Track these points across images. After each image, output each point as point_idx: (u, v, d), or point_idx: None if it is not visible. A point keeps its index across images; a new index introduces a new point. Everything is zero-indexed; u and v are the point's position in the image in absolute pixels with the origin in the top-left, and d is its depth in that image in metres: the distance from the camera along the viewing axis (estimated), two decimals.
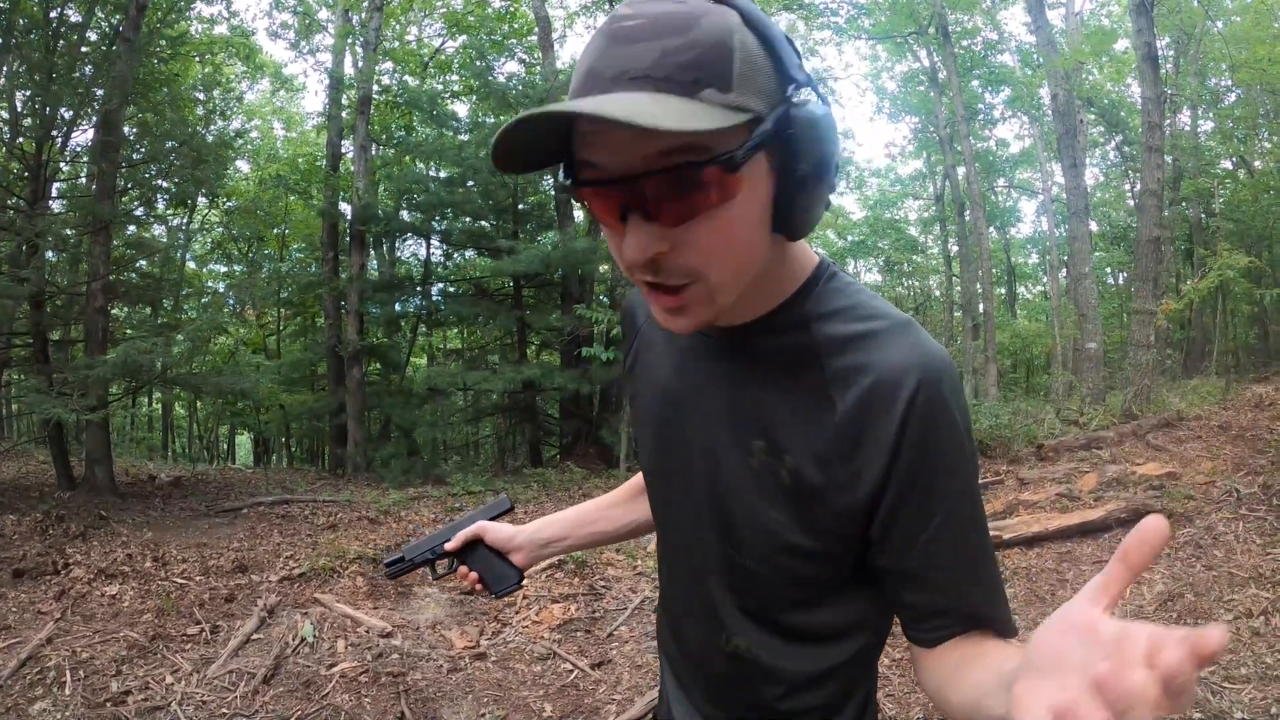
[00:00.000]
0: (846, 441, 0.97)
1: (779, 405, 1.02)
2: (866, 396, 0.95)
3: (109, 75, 9.83)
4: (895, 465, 0.95)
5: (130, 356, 9.11)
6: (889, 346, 0.96)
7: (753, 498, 1.06)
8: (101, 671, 4.50)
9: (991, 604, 1.03)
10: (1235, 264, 12.74)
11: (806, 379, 1.00)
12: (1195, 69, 19.52)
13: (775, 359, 1.03)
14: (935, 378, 0.94)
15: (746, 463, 1.05)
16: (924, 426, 0.94)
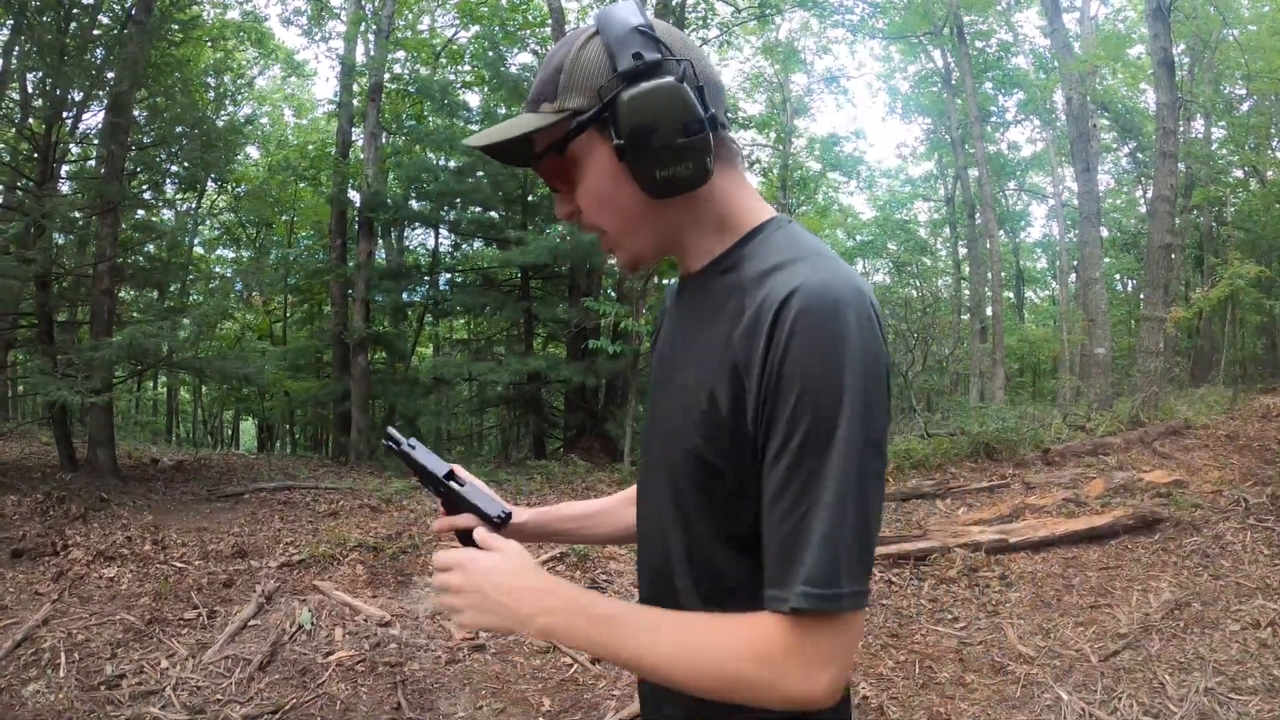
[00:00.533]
0: (741, 359, 1.03)
1: (708, 337, 1.12)
2: (756, 314, 1.02)
3: (120, 58, 9.80)
4: (764, 378, 1.00)
5: (136, 340, 9.08)
6: (793, 270, 1.04)
7: (682, 429, 1.13)
8: (96, 654, 4.48)
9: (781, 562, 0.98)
10: (1246, 273, 12.68)
11: (731, 309, 1.09)
12: (1210, 76, 19.42)
13: (714, 296, 1.14)
14: (813, 291, 0.98)
15: (680, 396, 1.15)
16: (786, 340, 0.98)
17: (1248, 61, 16.55)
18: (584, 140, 1.10)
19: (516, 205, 14.87)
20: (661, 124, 1.04)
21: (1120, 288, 27.40)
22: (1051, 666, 4.52)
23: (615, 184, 1.11)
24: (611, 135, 1.06)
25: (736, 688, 0.99)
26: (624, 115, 1.04)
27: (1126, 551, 6.32)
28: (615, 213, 1.14)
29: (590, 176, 1.12)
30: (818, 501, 0.95)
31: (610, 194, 1.12)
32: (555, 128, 1.10)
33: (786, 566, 0.97)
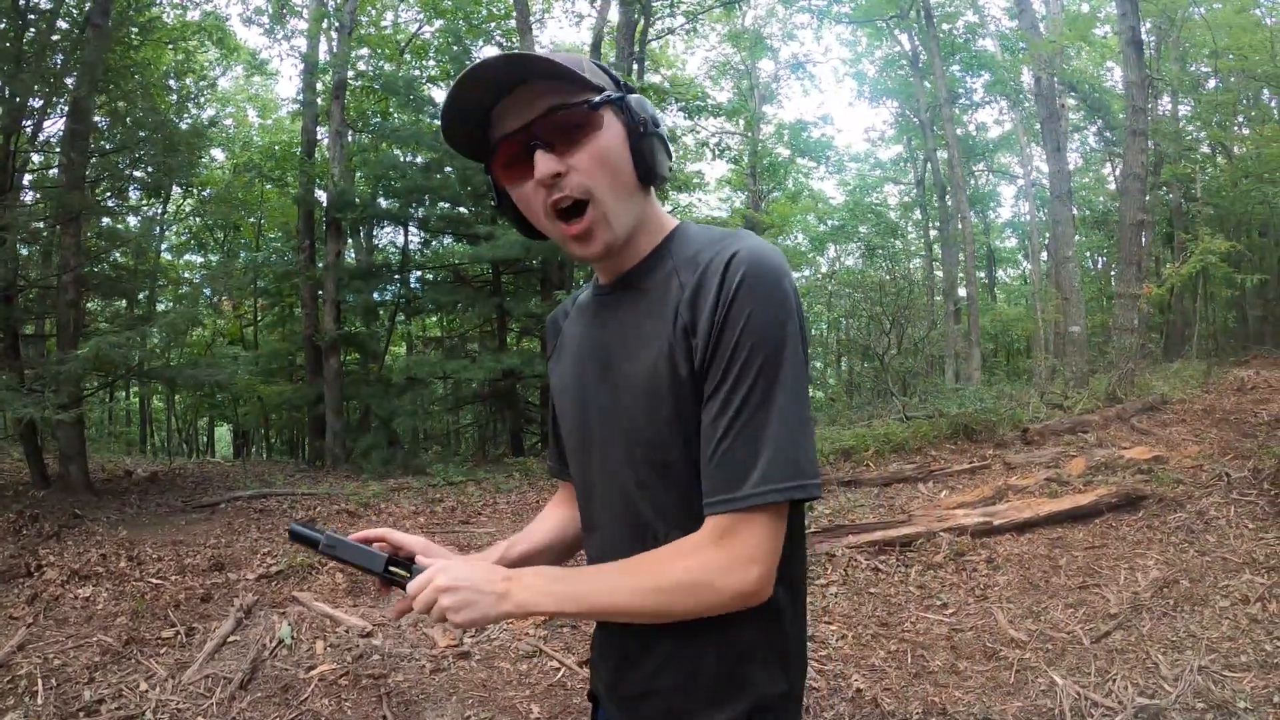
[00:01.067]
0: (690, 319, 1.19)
1: (651, 316, 1.26)
2: (700, 275, 1.19)
3: (78, 62, 9.60)
4: (711, 324, 1.16)
5: (102, 351, 8.91)
6: (721, 242, 1.22)
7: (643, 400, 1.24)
8: (74, 679, 4.36)
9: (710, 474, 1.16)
10: (1216, 249, 12.76)
11: (668, 289, 1.25)
12: (1177, 54, 19.55)
13: (649, 287, 1.29)
14: (750, 252, 1.16)
15: (637, 369, 1.25)
16: (732, 283, 1.15)
17: (1215, 38, 16.65)
18: (606, 110, 1.23)
19: (485, 200, 14.72)
20: (653, 125, 1.26)
21: (1091, 265, 27.58)
22: (1044, 650, 4.49)
23: (623, 154, 1.24)
24: (634, 115, 1.24)
25: (682, 599, 1.16)
26: (636, 108, 1.25)
27: (1111, 530, 6.32)
28: (619, 180, 1.24)
29: (608, 139, 1.22)
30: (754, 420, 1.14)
31: (619, 162, 1.23)
32: (586, 89, 1.22)
33: (727, 475, 1.14)
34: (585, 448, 1.40)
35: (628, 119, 1.25)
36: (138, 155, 11.12)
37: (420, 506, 9.26)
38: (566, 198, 1.22)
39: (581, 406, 1.39)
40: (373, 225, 18.80)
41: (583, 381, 1.39)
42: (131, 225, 14.55)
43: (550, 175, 1.20)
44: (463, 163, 13.89)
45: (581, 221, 1.23)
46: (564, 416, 1.47)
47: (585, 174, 1.21)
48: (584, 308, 1.47)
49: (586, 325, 1.42)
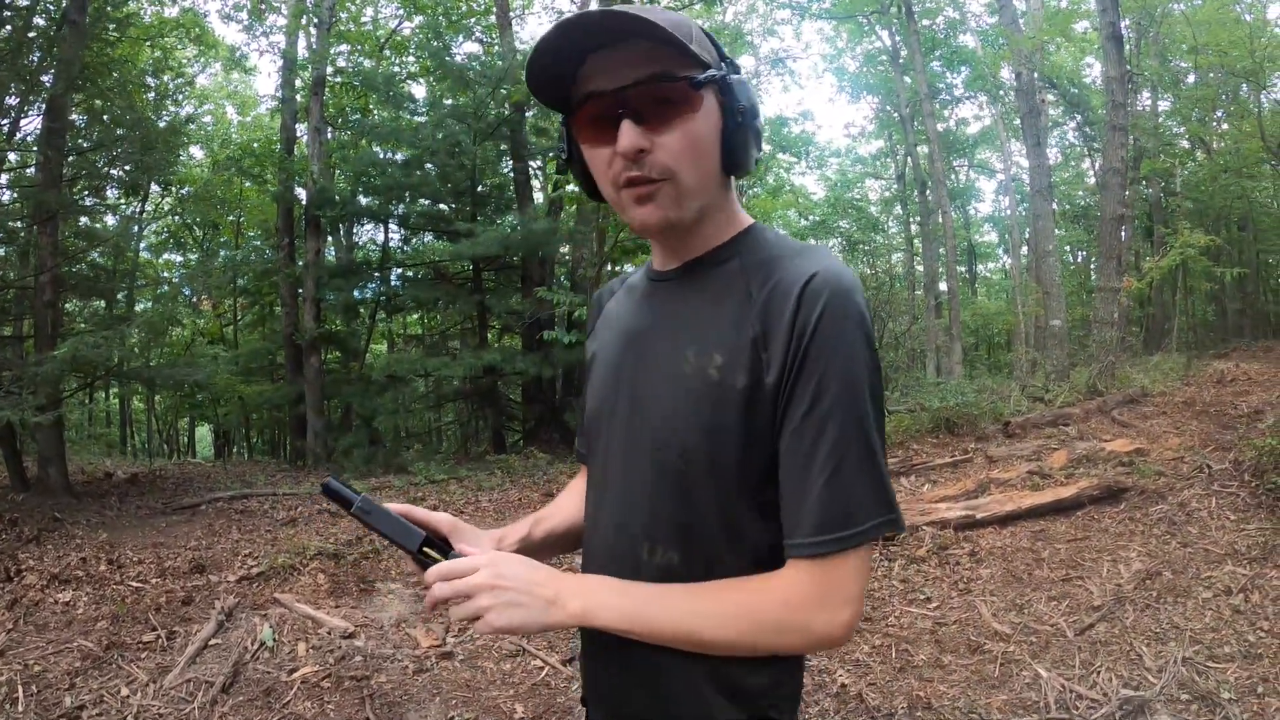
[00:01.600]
0: (760, 332, 1.14)
1: (712, 317, 1.20)
2: (773, 290, 1.14)
3: (56, 60, 9.50)
4: (789, 347, 1.11)
5: (80, 351, 8.80)
6: (798, 258, 1.17)
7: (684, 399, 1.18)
8: (55, 685, 4.31)
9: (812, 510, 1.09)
10: (1195, 242, 12.84)
11: (734, 292, 1.20)
12: (1156, 50, 19.64)
13: (712, 283, 1.24)
14: (829, 276, 1.12)
15: (682, 370, 1.19)
16: (812, 309, 1.10)
17: (1195, 34, 16.72)
18: (708, 91, 1.17)
19: (465, 197, 14.72)
20: (751, 115, 1.20)
21: (1071, 260, 27.72)
22: (1028, 643, 4.50)
23: (714, 142, 1.19)
24: (734, 100, 1.18)
25: (768, 637, 1.12)
26: (739, 94, 1.18)
27: (1094, 522, 6.34)
28: (705, 166, 1.19)
29: (702, 123, 1.16)
30: (848, 455, 1.09)
31: (709, 149, 1.18)
32: (692, 63, 1.14)
33: (818, 510, 1.09)
34: (607, 437, 1.35)
35: (727, 103, 1.19)
36: (115, 153, 11.01)
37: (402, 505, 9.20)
38: (644, 178, 1.16)
39: (612, 391, 1.34)
40: (353, 223, 18.71)
41: (619, 366, 1.34)
42: (109, 224, 14.38)
43: (634, 150, 1.14)
44: (442, 160, 13.85)
45: (649, 187, 1.17)
46: (592, 397, 1.42)
47: (671, 156, 1.15)
48: (634, 289, 1.43)
49: (635, 308, 1.38)
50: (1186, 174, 19.86)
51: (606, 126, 1.16)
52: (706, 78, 1.14)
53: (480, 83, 14.05)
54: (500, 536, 1.46)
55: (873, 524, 1.09)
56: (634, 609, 1.14)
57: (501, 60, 14.15)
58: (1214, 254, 15.31)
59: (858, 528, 1.08)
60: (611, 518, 1.31)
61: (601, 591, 1.17)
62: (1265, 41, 16.05)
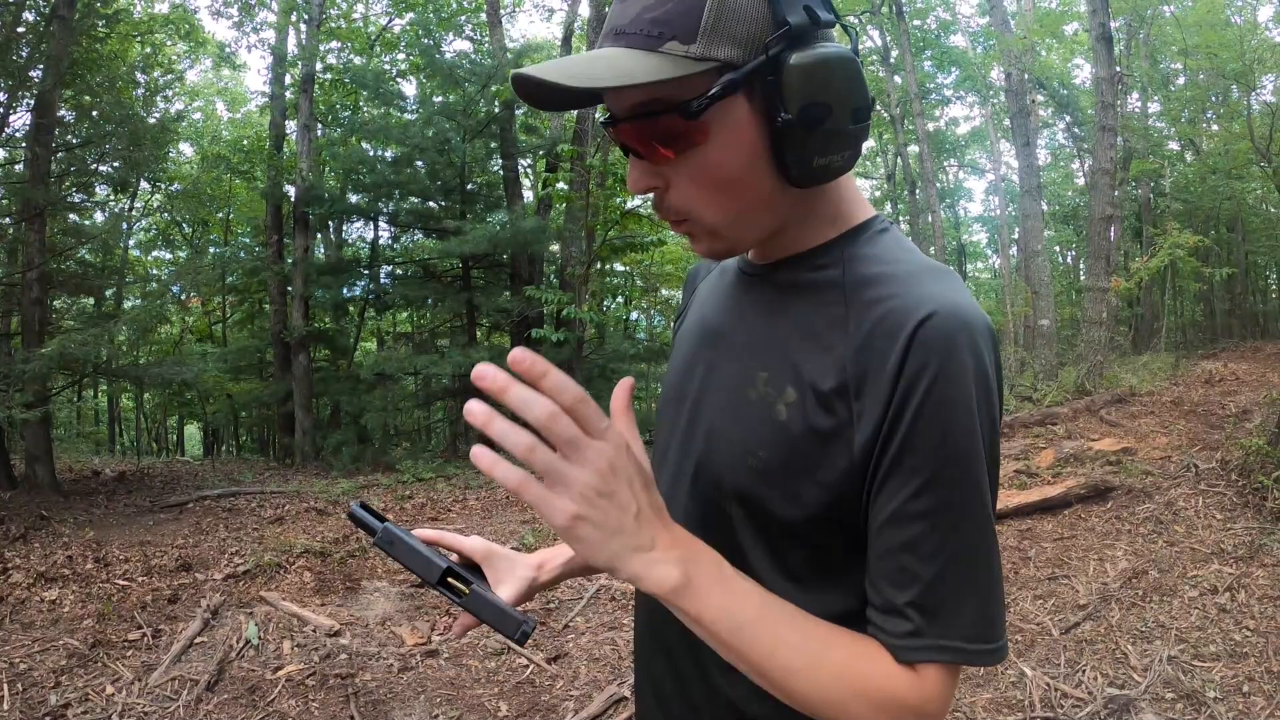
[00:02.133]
0: (853, 375, 0.89)
1: (795, 336, 0.96)
2: (878, 324, 0.88)
3: (44, 55, 9.46)
4: (890, 404, 0.85)
5: (67, 349, 8.78)
6: (915, 284, 0.90)
7: (741, 431, 0.97)
8: (40, 683, 4.29)
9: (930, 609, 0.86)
10: (1184, 243, 12.91)
11: (828, 312, 0.94)
12: (1147, 52, 19.74)
13: (802, 292, 0.99)
14: (952, 317, 0.85)
15: (746, 395, 0.98)
16: (925, 363, 0.84)
17: (1185, 36, 16.81)
18: (719, 109, 0.86)
19: (455, 195, 14.72)
20: (836, 106, 0.86)
21: (1060, 260, 27.84)
22: (1013, 641, 4.51)
23: (749, 164, 0.89)
24: (774, 103, 0.85)
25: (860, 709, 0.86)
26: (794, 84, 0.84)
27: (1080, 521, 6.36)
28: (738, 199, 0.92)
29: (720, 150, 0.88)
30: (961, 553, 0.86)
31: (742, 176, 0.90)
32: (694, 81, 0.83)
33: (936, 615, 0.85)
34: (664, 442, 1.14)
35: (767, 101, 0.86)
36: (104, 150, 10.96)
37: (389, 503, 9.21)
38: (665, 216, 0.95)
39: (679, 392, 1.12)
40: (342, 220, 18.69)
41: (692, 365, 1.12)
42: (98, 221, 14.30)
43: (642, 190, 0.94)
44: (431, 158, 13.86)
45: (682, 226, 0.96)
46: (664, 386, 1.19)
47: (684, 195, 0.91)
48: (726, 272, 1.17)
49: (721, 298, 1.13)
50: (1176, 175, 19.96)
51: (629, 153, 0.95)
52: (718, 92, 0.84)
53: (470, 80, 14.05)
54: (540, 563, 1.24)
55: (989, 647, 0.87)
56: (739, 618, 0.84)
57: (491, 58, 14.16)
58: (1203, 254, 15.41)
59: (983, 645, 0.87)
60: None
61: (710, 571, 0.84)
62: (1255, 44, 16.15)
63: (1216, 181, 18.49)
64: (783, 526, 0.95)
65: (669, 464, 1.11)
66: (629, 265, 18.54)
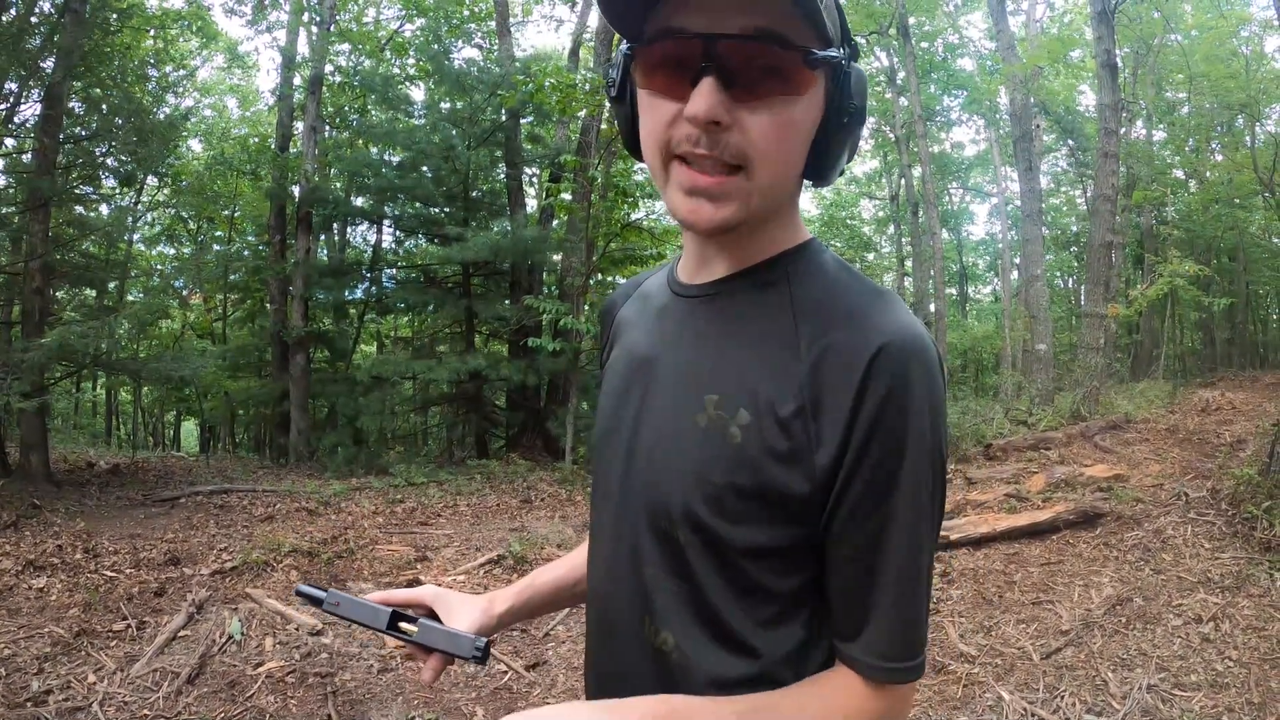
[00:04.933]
0: (810, 398, 0.91)
1: (745, 360, 0.96)
2: (829, 351, 0.90)
3: (56, 46, 9.52)
4: (851, 430, 0.88)
5: (67, 340, 8.82)
6: (865, 306, 0.93)
7: (691, 458, 0.96)
8: (23, 669, 4.31)
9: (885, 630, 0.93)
10: (1184, 271, 12.93)
11: (778, 334, 0.95)
12: (1152, 79, 19.81)
13: (748, 313, 0.99)
14: (905, 346, 0.89)
15: (694, 420, 0.97)
16: (885, 394, 0.87)
17: (1191, 64, 16.87)
18: (819, 74, 0.91)
19: (458, 202, 14.76)
20: (861, 117, 0.96)
21: (1060, 284, 27.88)
22: (993, 665, 4.51)
23: (808, 138, 0.94)
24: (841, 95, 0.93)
25: None
26: (855, 88, 0.93)
27: (1068, 547, 6.36)
28: (788, 166, 0.94)
29: (804, 111, 0.91)
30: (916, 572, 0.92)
31: (800, 144, 0.94)
32: (815, 31, 0.87)
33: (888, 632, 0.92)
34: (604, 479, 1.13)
35: (837, 95, 0.93)
36: (111, 143, 11.03)
37: (380, 506, 9.21)
38: (713, 157, 0.89)
39: (613, 425, 1.11)
40: (345, 222, 18.75)
41: (624, 396, 1.11)
42: (103, 214, 14.35)
43: (709, 120, 0.87)
44: (437, 163, 13.90)
45: (718, 181, 0.90)
46: (598, 421, 1.18)
47: (752, 141, 0.89)
48: (649, 299, 1.18)
49: (650, 325, 1.13)
50: (1179, 203, 20.00)
51: (681, 77, 0.89)
52: (825, 56, 0.89)
53: (477, 88, 14.11)
54: (489, 600, 1.28)
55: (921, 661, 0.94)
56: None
57: (499, 66, 14.21)
58: (1204, 284, 15.43)
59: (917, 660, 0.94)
60: (602, 576, 1.12)
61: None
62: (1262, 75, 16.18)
63: (1219, 210, 18.53)
64: (739, 549, 0.95)
65: (611, 497, 1.10)
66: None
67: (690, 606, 0.99)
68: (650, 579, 1.02)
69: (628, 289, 1.30)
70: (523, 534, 7.59)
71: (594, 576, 1.16)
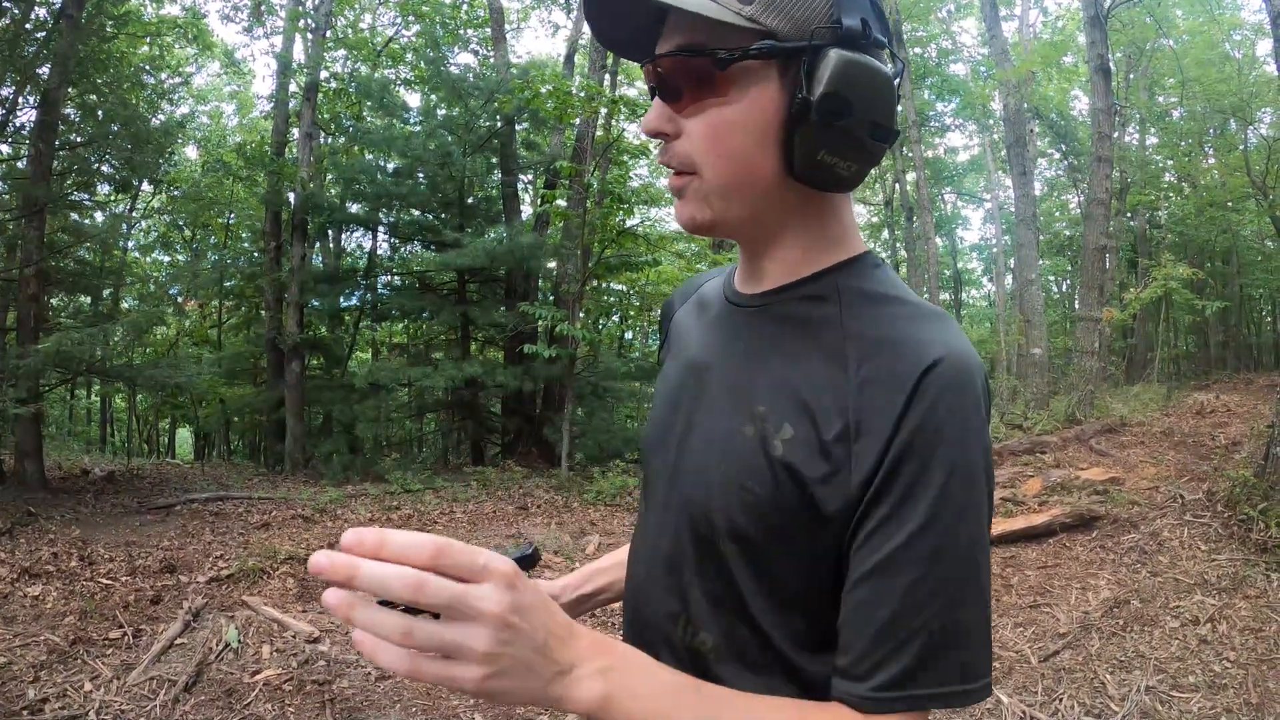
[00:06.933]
0: (854, 419, 0.88)
1: (793, 375, 0.95)
2: (878, 368, 0.88)
3: (51, 53, 9.52)
4: (890, 447, 0.85)
5: (63, 347, 8.80)
6: (915, 327, 0.91)
7: (734, 467, 0.95)
8: (19, 678, 4.30)
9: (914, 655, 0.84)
10: (1178, 275, 12.97)
11: (826, 349, 0.94)
12: (1145, 84, 19.87)
13: (798, 326, 0.98)
14: (956, 366, 0.86)
15: (740, 431, 0.96)
16: (930, 412, 0.84)
17: (1184, 68, 16.93)
18: (754, 70, 0.91)
19: (454, 208, 14.76)
20: (858, 108, 0.88)
21: (1055, 289, 27.93)
22: (991, 668, 4.51)
23: (759, 136, 0.92)
24: (800, 85, 0.88)
25: None
26: (827, 74, 0.87)
27: (1065, 550, 6.37)
28: (736, 165, 0.94)
29: (735, 112, 0.92)
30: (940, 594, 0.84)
31: (746, 144, 0.93)
32: (734, 32, 0.89)
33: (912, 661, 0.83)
34: (653, 480, 1.13)
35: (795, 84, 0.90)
36: (107, 150, 11.01)
37: (376, 514, 9.19)
38: (668, 162, 0.97)
39: (665, 430, 1.11)
40: (341, 229, 18.73)
41: (676, 403, 1.11)
42: (98, 221, 14.34)
43: (652, 131, 0.97)
44: (432, 170, 13.91)
45: (680, 180, 0.98)
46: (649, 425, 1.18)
47: (693, 144, 0.94)
48: (707, 305, 1.17)
49: (705, 331, 1.13)
50: (1171, 207, 20.06)
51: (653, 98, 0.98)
52: (745, 53, 0.89)
53: (473, 94, 14.12)
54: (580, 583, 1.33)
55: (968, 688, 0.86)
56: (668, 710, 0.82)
57: (495, 72, 14.22)
58: (1197, 287, 15.47)
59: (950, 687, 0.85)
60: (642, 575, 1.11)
61: (635, 675, 0.82)
62: (1253, 79, 16.25)
63: (1213, 214, 18.59)
64: (779, 562, 0.93)
65: (657, 499, 1.10)
66: (624, 284, 18.58)
67: (732, 613, 0.98)
68: (688, 582, 1.02)
69: (687, 290, 1.30)
70: (519, 541, 7.58)
71: (634, 574, 1.15)
